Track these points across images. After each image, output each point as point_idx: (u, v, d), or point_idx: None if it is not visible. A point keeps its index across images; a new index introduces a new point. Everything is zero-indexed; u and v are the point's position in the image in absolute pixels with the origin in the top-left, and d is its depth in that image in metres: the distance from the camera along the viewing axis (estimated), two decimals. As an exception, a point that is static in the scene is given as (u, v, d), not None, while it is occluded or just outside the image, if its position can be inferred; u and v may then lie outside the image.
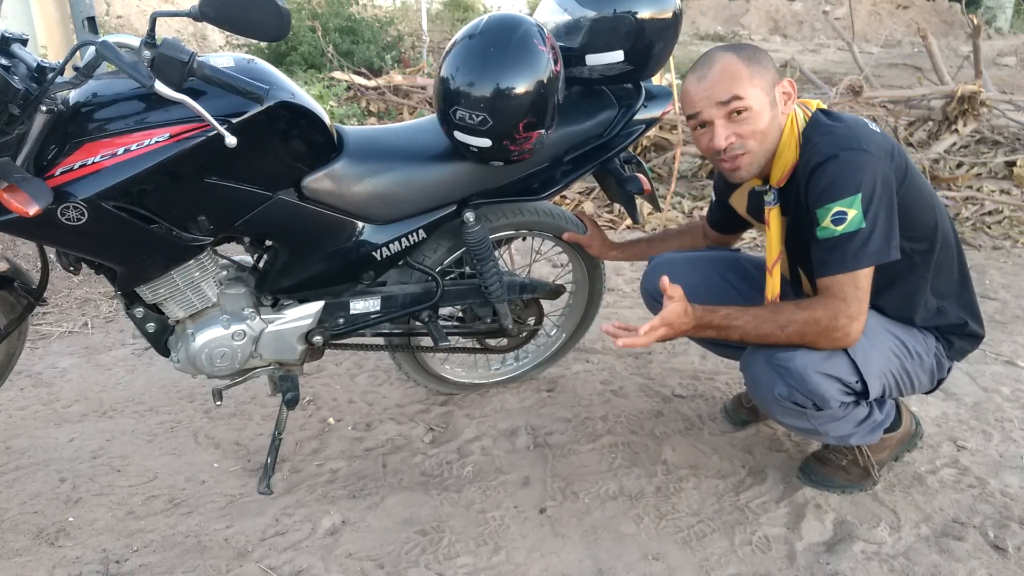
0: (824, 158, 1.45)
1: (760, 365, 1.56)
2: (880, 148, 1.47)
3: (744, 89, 1.47)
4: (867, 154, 1.44)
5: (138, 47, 1.33)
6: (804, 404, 1.54)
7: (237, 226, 1.59)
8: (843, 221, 1.43)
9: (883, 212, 1.44)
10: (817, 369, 1.50)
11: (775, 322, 1.50)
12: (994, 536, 1.66)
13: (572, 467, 1.90)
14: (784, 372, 1.51)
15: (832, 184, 1.44)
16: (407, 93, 5.04)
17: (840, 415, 1.58)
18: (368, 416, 2.13)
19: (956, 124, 4.38)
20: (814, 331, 1.47)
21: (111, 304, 2.79)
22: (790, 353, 1.51)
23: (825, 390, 1.51)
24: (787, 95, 1.52)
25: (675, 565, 1.59)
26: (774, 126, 1.51)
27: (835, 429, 1.62)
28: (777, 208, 1.59)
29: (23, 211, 1.29)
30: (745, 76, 1.48)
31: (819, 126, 1.51)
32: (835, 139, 1.47)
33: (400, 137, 1.81)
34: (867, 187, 1.43)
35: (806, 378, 1.50)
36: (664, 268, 1.84)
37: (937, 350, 1.65)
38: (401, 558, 1.60)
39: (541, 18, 1.77)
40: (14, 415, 2.11)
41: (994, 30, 12.81)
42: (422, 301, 1.88)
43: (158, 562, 1.58)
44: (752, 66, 1.48)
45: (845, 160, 1.44)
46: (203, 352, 1.68)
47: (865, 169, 1.43)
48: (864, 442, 1.69)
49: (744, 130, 1.49)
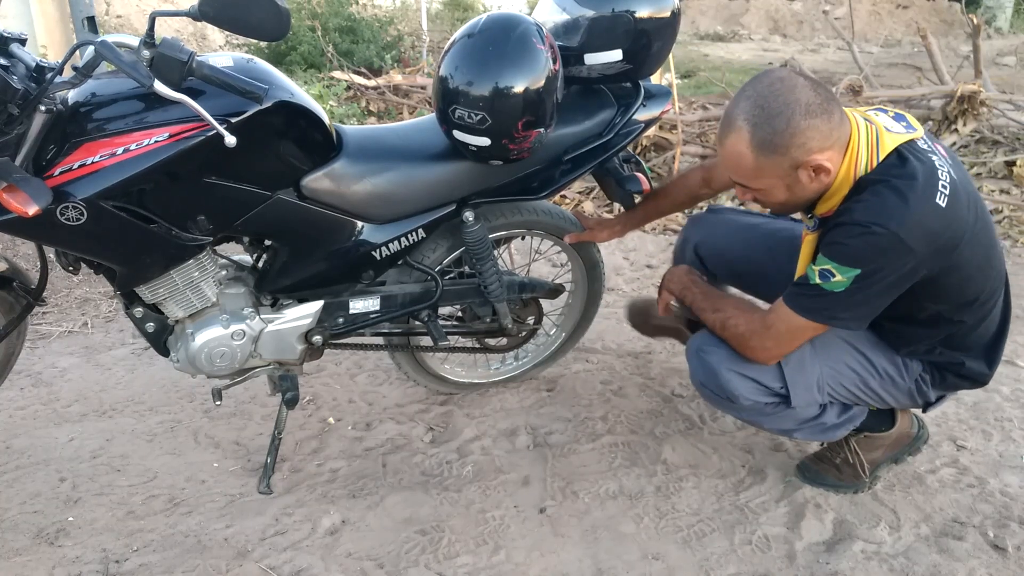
0: (854, 222, 1.35)
1: (691, 352, 1.65)
2: (925, 237, 1.33)
3: (748, 179, 1.40)
4: (900, 242, 1.32)
5: (137, 47, 1.34)
6: (720, 395, 1.58)
7: (236, 226, 1.59)
8: (827, 279, 1.38)
9: (872, 292, 1.37)
10: (732, 367, 1.55)
11: (714, 306, 1.63)
12: (994, 536, 1.66)
13: (572, 467, 1.90)
14: (703, 363, 1.59)
15: (843, 246, 1.36)
16: (407, 93, 5.03)
17: (768, 412, 1.60)
18: (368, 416, 2.13)
19: (956, 124, 4.38)
20: (732, 332, 1.56)
21: (110, 304, 2.79)
22: (714, 347, 1.59)
23: (735, 388, 1.55)
24: (817, 169, 1.35)
25: (675, 564, 1.59)
26: (803, 194, 1.41)
27: (769, 423, 1.65)
28: (813, 236, 1.49)
29: (22, 211, 1.29)
30: (750, 167, 1.36)
31: (877, 183, 1.36)
32: (878, 211, 1.33)
33: (399, 136, 1.81)
34: (871, 267, 1.34)
35: (717, 374, 1.56)
36: (698, 230, 1.92)
37: (920, 378, 1.60)
38: (401, 558, 1.60)
39: (540, 17, 1.77)
40: (14, 415, 2.11)
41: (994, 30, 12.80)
42: (421, 300, 1.88)
43: (158, 562, 1.58)
44: (762, 156, 1.33)
45: (871, 235, 1.33)
46: (203, 352, 1.68)
47: (885, 255, 1.33)
48: (819, 439, 1.73)
49: (759, 198, 1.45)
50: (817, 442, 1.88)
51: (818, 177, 1.37)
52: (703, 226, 1.95)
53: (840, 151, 1.37)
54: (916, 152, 1.39)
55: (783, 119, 1.31)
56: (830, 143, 1.34)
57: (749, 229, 1.89)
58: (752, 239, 1.86)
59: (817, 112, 1.31)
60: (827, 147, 1.34)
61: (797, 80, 1.34)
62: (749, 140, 1.33)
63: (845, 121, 1.37)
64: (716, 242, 1.86)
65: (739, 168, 1.39)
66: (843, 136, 1.37)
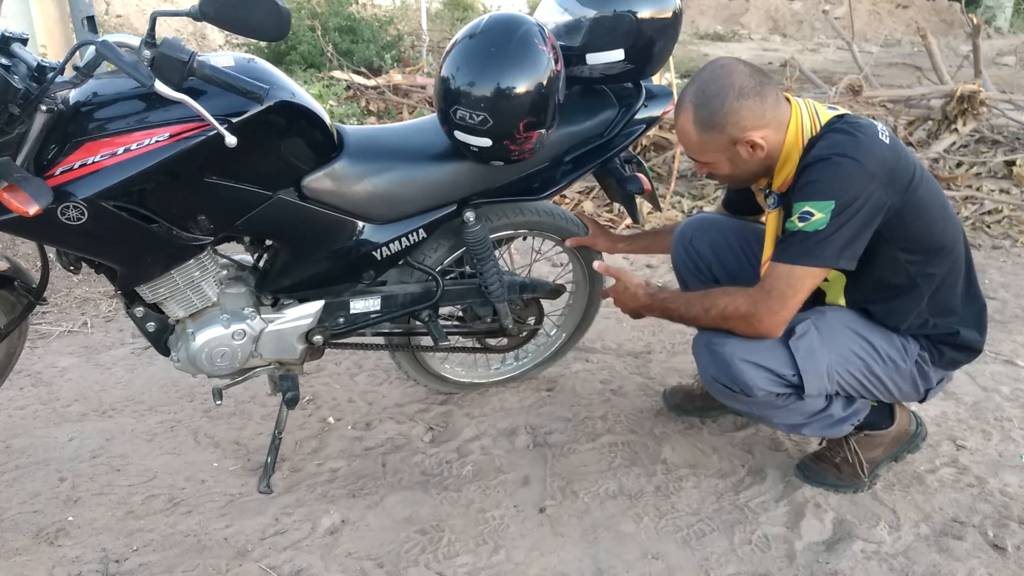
0: (815, 159, 1.47)
1: (700, 347, 1.64)
2: (880, 163, 1.46)
3: (695, 152, 1.57)
4: (859, 166, 1.44)
5: (138, 47, 1.33)
6: (733, 387, 1.58)
7: (237, 225, 1.59)
8: (807, 220, 1.46)
9: (851, 225, 1.44)
10: (745, 357, 1.54)
11: (701, 305, 1.59)
12: (993, 535, 1.66)
13: (572, 466, 1.91)
14: (715, 355, 1.58)
15: (813, 183, 1.46)
16: (407, 92, 5.03)
17: (779, 404, 1.60)
18: (368, 415, 2.13)
19: (956, 123, 4.38)
20: (734, 316, 1.54)
21: (111, 303, 2.79)
22: (723, 338, 1.57)
23: (750, 378, 1.54)
24: (752, 146, 1.51)
25: (675, 564, 1.59)
26: (746, 168, 1.56)
27: (779, 417, 1.64)
28: (776, 212, 1.60)
29: (23, 211, 1.29)
30: (695, 143, 1.54)
31: (824, 137, 1.51)
32: (833, 143, 1.47)
33: (400, 137, 1.81)
34: (844, 198, 1.43)
35: (730, 364, 1.55)
36: (695, 225, 1.94)
37: (920, 357, 1.63)
38: (401, 557, 1.60)
39: (541, 18, 1.77)
40: (14, 414, 2.11)
41: (994, 29, 12.80)
42: (422, 301, 1.88)
43: (158, 561, 1.58)
44: (704, 133, 1.51)
45: (835, 164, 1.45)
46: (203, 351, 1.68)
47: (851, 180, 1.43)
48: (825, 435, 1.73)
49: (714, 172, 1.60)
50: (817, 442, 1.89)
51: (755, 153, 1.52)
52: (697, 223, 1.97)
53: (777, 130, 1.52)
54: (853, 116, 1.55)
55: (719, 100, 1.48)
56: (764, 122, 1.50)
57: (724, 222, 1.94)
58: (727, 229, 1.91)
59: (750, 94, 1.48)
60: (761, 125, 1.50)
61: (736, 66, 1.51)
62: (693, 119, 1.51)
63: (782, 102, 1.53)
64: (709, 235, 1.91)
65: (688, 144, 1.56)
66: (780, 116, 1.52)
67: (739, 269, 1.84)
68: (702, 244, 1.90)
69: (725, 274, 1.86)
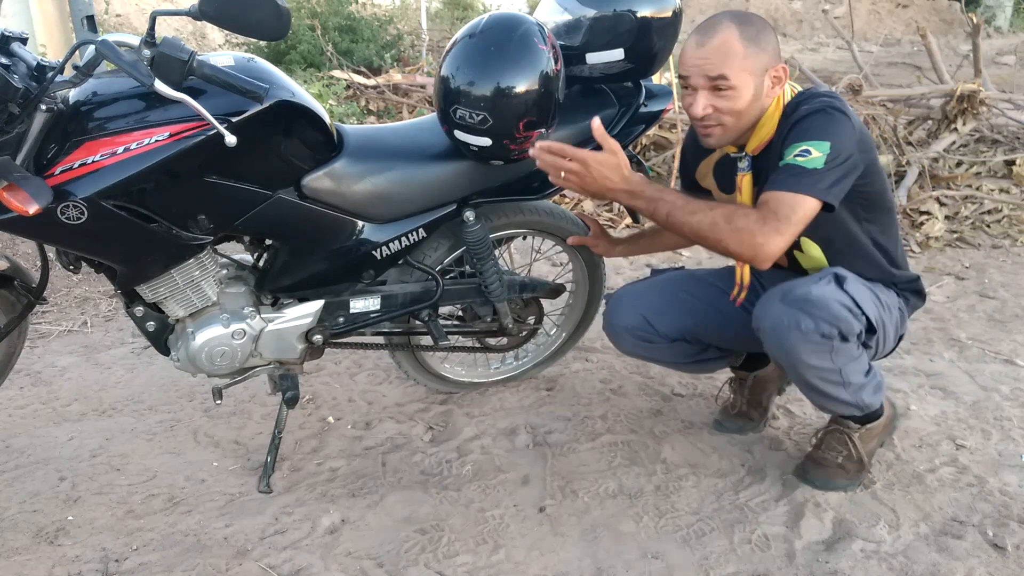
0: (809, 111, 1.53)
1: (778, 307, 1.58)
2: (858, 126, 1.56)
3: (734, 70, 1.52)
4: (849, 123, 1.53)
5: (138, 46, 1.33)
6: (830, 335, 1.55)
7: (237, 225, 1.59)
8: (806, 156, 1.49)
9: (841, 168, 1.50)
10: (835, 297, 1.56)
11: (704, 203, 1.52)
12: (993, 535, 1.66)
13: (571, 466, 1.91)
14: (806, 304, 1.55)
15: (810, 128, 1.51)
16: (406, 92, 5.03)
17: (856, 354, 1.63)
18: (368, 415, 2.13)
19: (955, 123, 4.37)
20: (741, 221, 1.47)
21: (110, 303, 2.79)
22: (806, 288, 1.56)
23: (846, 316, 1.55)
24: (777, 79, 1.57)
25: (674, 564, 1.59)
26: (754, 107, 1.57)
27: (854, 373, 1.65)
28: (750, 175, 1.64)
29: (23, 210, 1.29)
30: (739, 57, 1.51)
31: (810, 99, 1.57)
32: (824, 102, 1.54)
33: (400, 136, 1.81)
34: (838, 144, 1.49)
35: (828, 304, 1.54)
36: (627, 299, 1.90)
37: (900, 304, 1.75)
38: (401, 556, 1.60)
39: (541, 17, 1.77)
40: (13, 414, 2.11)
41: (994, 29, 12.80)
42: (422, 300, 1.88)
43: (157, 561, 1.58)
44: (750, 47, 1.51)
45: (830, 114, 1.52)
46: (203, 351, 1.68)
47: (843, 131, 1.51)
48: (872, 403, 1.73)
49: (723, 105, 1.55)
50: (811, 444, 1.87)
51: (772, 90, 1.57)
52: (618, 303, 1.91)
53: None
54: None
55: (760, 22, 1.55)
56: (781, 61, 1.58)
57: (654, 284, 1.93)
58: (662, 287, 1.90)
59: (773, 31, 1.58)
60: (781, 63, 1.57)
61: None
62: (739, 35, 1.51)
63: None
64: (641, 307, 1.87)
65: (728, 55, 1.51)
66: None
67: (697, 310, 1.85)
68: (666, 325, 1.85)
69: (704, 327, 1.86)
